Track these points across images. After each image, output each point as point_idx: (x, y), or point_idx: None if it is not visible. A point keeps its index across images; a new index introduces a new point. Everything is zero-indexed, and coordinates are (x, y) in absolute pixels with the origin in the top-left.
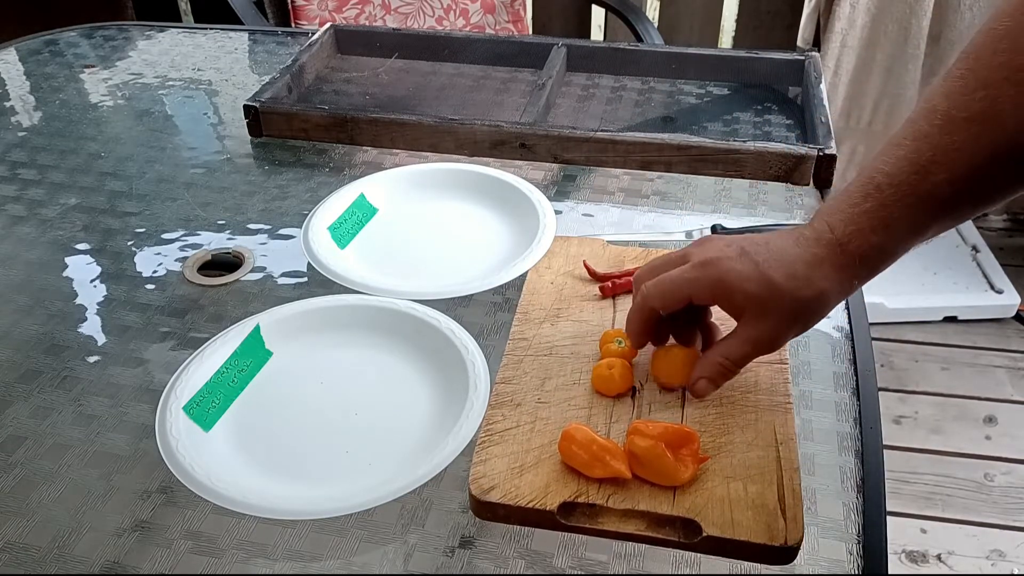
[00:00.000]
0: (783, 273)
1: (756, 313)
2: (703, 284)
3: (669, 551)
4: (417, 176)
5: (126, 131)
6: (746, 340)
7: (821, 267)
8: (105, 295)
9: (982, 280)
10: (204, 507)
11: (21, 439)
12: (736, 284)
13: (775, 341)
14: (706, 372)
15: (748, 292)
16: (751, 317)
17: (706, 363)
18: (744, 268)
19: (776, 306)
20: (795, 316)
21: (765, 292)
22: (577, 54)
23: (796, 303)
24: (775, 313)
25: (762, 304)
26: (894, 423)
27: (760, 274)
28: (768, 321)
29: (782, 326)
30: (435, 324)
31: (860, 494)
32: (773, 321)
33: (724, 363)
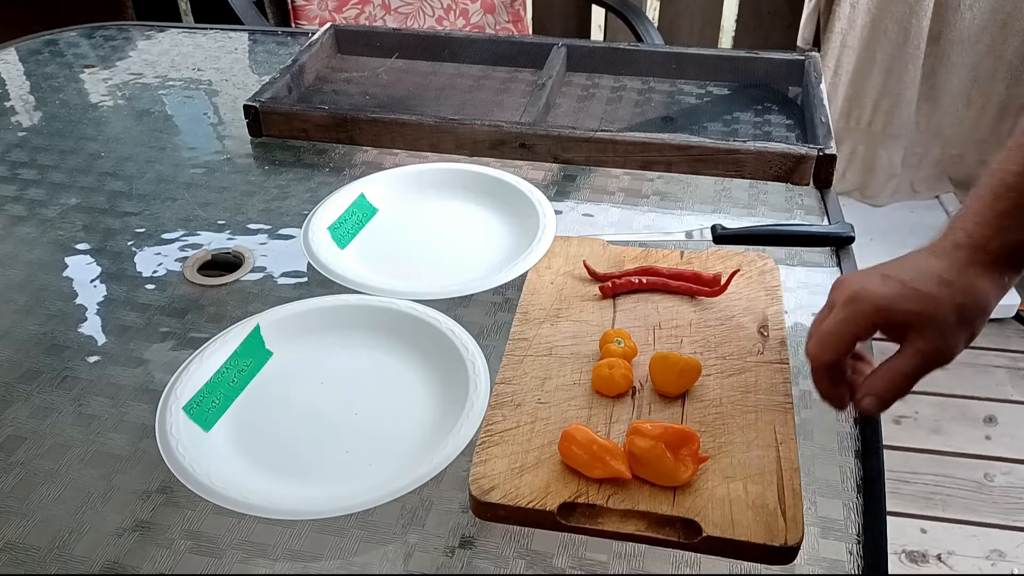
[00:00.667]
0: (935, 283)
1: (921, 328)
2: (861, 319)
3: (669, 551)
4: (417, 176)
5: (126, 131)
6: (916, 353)
7: (969, 269)
8: (105, 295)
9: None
10: (204, 507)
11: (21, 439)
12: (893, 307)
13: (948, 350)
14: (877, 388)
15: (908, 310)
16: (917, 333)
17: (876, 379)
18: (894, 290)
19: (940, 316)
20: (960, 321)
21: (925, 306)
22: (577, 54)
23: (958, 308)
24: (940, 323)
25: (926, 318)
26: (894, 423)
27: (913, 290)
28: (934, 332)
29: (951, 334)
30: (435, 324)
31: (860, 494)
32: (939, 330)
33: (896, 378)
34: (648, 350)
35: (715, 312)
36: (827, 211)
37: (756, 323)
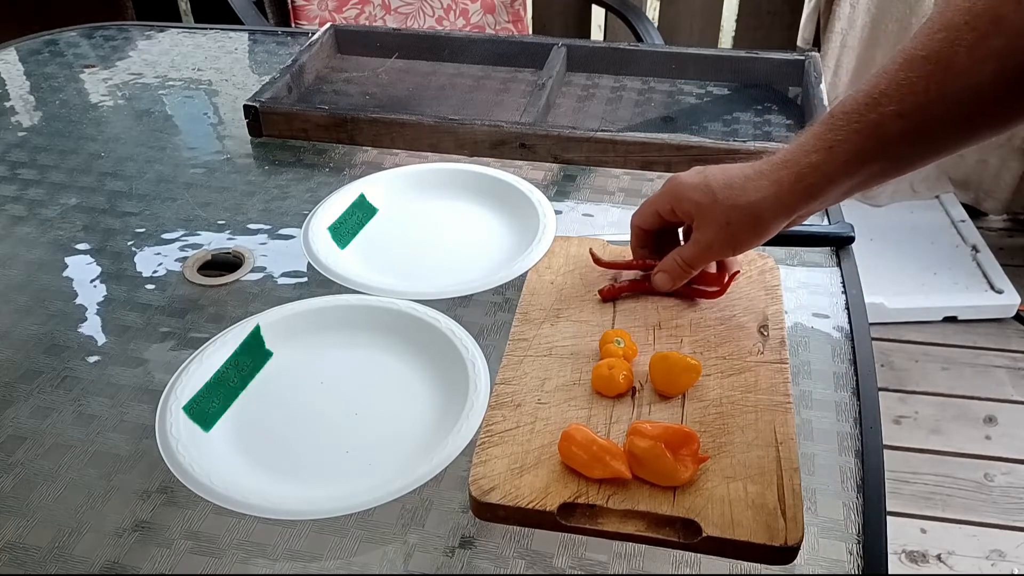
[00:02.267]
0: (723, 182)
1: (699, 219)
2: (662, 198)
3: (669, 551)
4: (417, 176)
5: (126, 131)
6: (694, 242)
7: (758, 180)
8: (105, 295)
9: (982, 280)
10: (204, 507)
11: (21, 439)
12: (684, 194)
13: (711, 245)
14: (664, 267)
15: (692, 200)
16: (697, 224)
17: (666, 260)
18: (694, 178)
19: (713, 212)
20: (728, 222)
21: (705, 199)
22: (577, 54)
23: (730, 210)
24: (713, 219)
25: (703, 210)
26: (894, 423)
27: (705, 182)
28: (708, 226)
29: (716, 230)
30: (435, 324)
31: (860, 494)
32: (712, 226)
33: (678, 261)
34: (648, 350)
35: (715, 312)
36: (827, 211)
37: (756, 323)
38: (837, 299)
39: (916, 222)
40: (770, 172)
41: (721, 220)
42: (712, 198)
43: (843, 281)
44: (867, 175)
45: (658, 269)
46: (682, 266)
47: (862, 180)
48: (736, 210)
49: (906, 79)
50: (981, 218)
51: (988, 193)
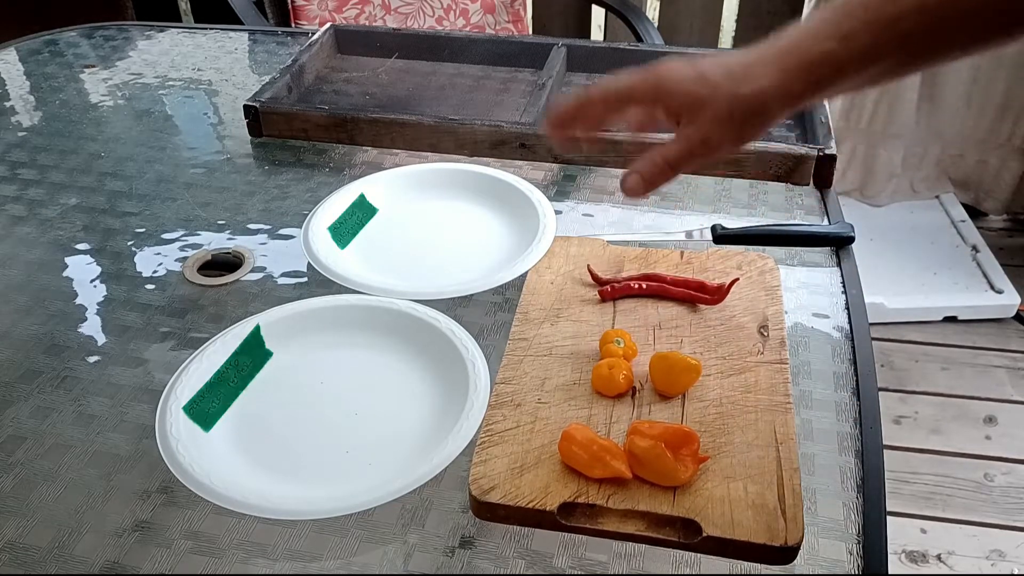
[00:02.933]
0: (721, 71)
1: (693, 110)
2: (645, 83)
3: (669, 551)
4: (417, 176)
5: (126, 131)
6: (682, 138)
7: (764, 66)
8: (105, 295)
9: (982, 280)
10: (204, 507)
11: (21, 439)
12: (674, 82)
13: (709, 140)
14: (640, 167)
15: (685, 90)
16: (688, 116)
17: (643, 160)
18: (684, 68)
19: (712, 102)
20: (731, 114)
21: (701, 88)
22: (577, 54)
23: (732, 99)
24: (711, 109)
25: (698, 100)
26: (894, 423)
27: (698, 72)
28: (703, 118)
29: (718, 124)
30: (435, 324)
31: (860, 494)
32: (709, 118)
33: (658, 160)
34: (648, 350)
35: (715, 312)
36: (827, 211)
37: (756, 323)
38: (837, 299)
39: (916, 222)
40: (775, 59)
41: (723, 112)
42: (711, 88)
43: (843, 281)
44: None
45: (631, 170)
46: (664, 168)
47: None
48: (739, 100)
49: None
50: (981, 218)
51: (988, 193)
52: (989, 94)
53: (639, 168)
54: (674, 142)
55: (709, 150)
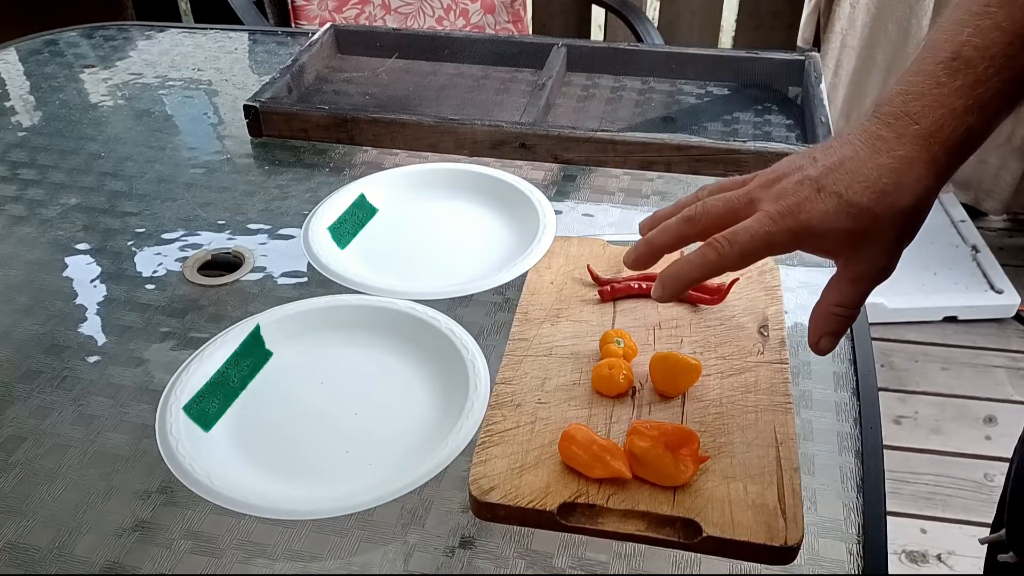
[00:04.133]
0: (871, 194)
1: (856, 247)
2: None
3: (669, 551)
4: (417, 176)
5: (126, 131)
6: (857, 278)
7: (913, 169)
8: (105, 295)
9: (982, 280)
10: (204, 507)
11: (21, 439)
12: (822, 227)
13: (887, 267)
14: (825, 328)
15: (839, 230)
16: (851, 253)
17: (820, 317)
18: (827, 206)
19: (876, 232)
20: (899, 232)
21: (859, 224)
22: (577, 54)
23: (896, 221)
24: (877, 240)
25: (860, 236)
26: (894, 423)
27: (847, 205)
28: (871, 251)
29: (889, 248)
30: (435, 324)
31: (860, 494)
32: (877, 248)
33: (840, 311)
34: (648, 350)
35: (715, 312)
36: None
37: (756, 323)
38: None
39: None
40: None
41: (889, 236)
42: (870, 220)
43: None
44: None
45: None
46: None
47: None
48: (904, 217)
49: None
50: (981, 218)
51: (988, 193)
52: None
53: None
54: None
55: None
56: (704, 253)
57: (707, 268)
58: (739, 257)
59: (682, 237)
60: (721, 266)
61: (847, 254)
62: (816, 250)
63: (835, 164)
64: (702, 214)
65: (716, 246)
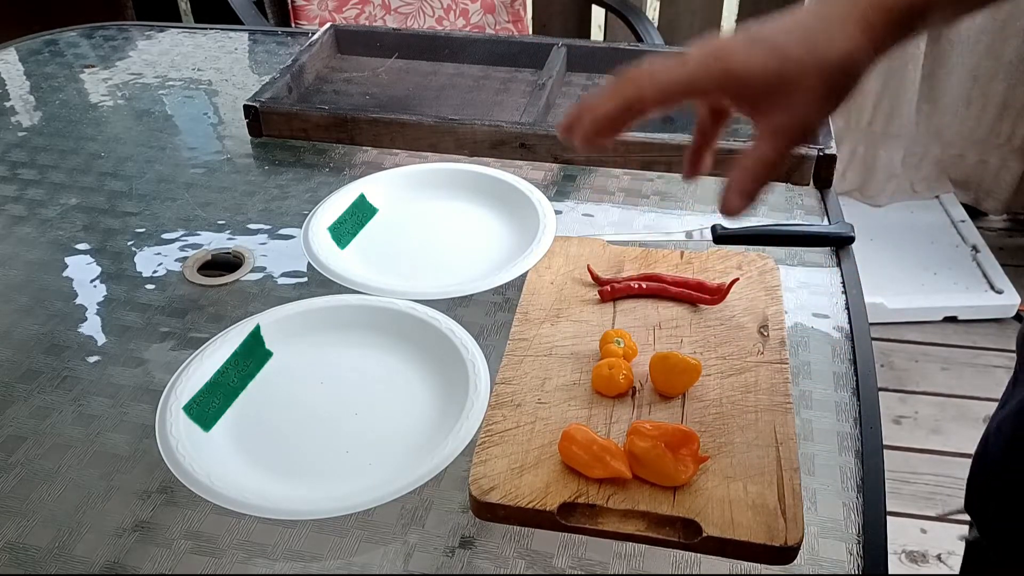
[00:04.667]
0: (797, 39)
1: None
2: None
3: (669, 551)
4: (417, 176)
5: (126, 131)
6: (775, 132)
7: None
8: (105, 295)
9: (982, 280)
10: (204, 507)
11: (21, 439)
12: (746, 70)
13: (808, 123)
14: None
15: (763, 73)
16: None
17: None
18: (755, 51)
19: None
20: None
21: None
22: (577, 54)
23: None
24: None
25: (783, 82)
26: (894, 423)
27: (770, 47)
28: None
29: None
30: (435, 324)
31: (860, 494)
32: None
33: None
34: (648, 350)
35: (715, 312)
36: (827, 211)
37: (756, 323)
38: (837, 299)
39: (916, 222)
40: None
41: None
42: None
43: (843, 281)
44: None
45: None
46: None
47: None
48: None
49: None
50: (981, 218)
51: (988, 193)
52: (989, 94)
53: (737, 184)
54: (765, 138)
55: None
56: (621, 86)
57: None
58: (657, 91)
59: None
60: (638, 99)
61: (767, 104)
62: (738, 98)
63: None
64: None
65: (635, 78)
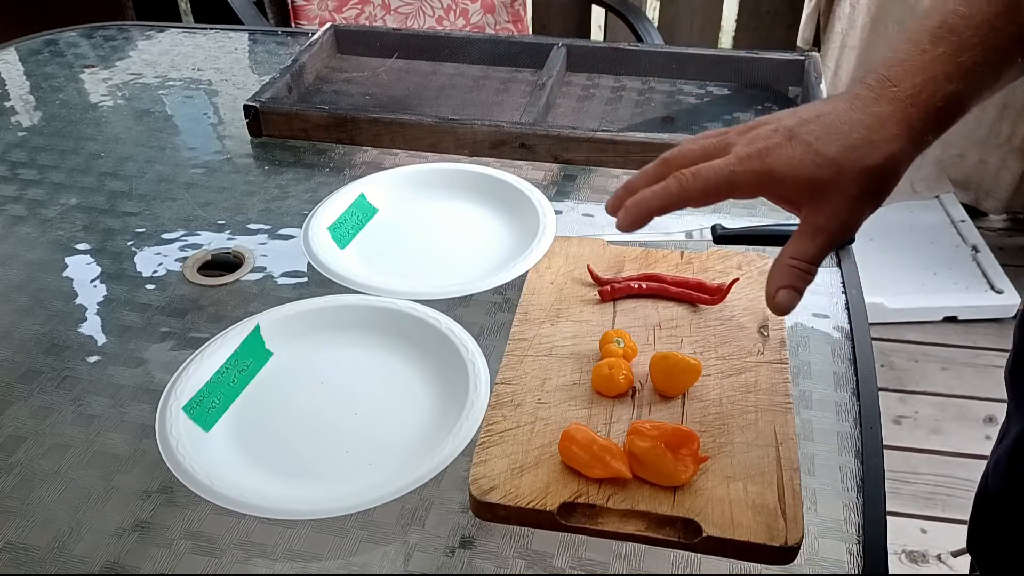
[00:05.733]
0: (840, 146)
1: (817, 198)
2: (747, 178)
3: (669, 551)
4: (417, 176)
5: (126, 131)
6: (816, 232)
7: (885, 128)
8: (105, 295)
9: (982, 280)
10: (204, 507)
11: (21, 439)
12: (787, 172)
13: (848, 224)
14: (782, 281)
15: (802, 178)
16: (813, 205)
17: (778, 271)
18: (795, 152)
19: (840, 185)
20: (864, 189)
21: (822, 172)
22: (577, 54)
23: (863, 176)
24: (839, 193)
25: (821, 187)
26: (894, 423)
27: (814, 154)
28: (832, 204)
29: (852, 204)
30: (435, 324)
31: (860, 494)
32: (839, 201)
33: (798, 265)
34: (648, 350)
35: (715, 312)
36: None
37: (756, 323)
38: (837, 299)
39: (916, 222)
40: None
41: (853, 191)
42: (835, 170)
43: (843, 281)
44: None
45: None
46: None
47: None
48: (870, 174)
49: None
50: (981, 218)
51: (988, 193)
52: None
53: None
54: (805, 237)
55: (847, 233)
56: (667, 184)
57: (669, 198)
58: (701, 191)
59: (658, 177)
60: (683, 197)
61: (808, 205)
62: (778, 198)
63: (812, 117)
64: (678, 156)
65: (680, 177)
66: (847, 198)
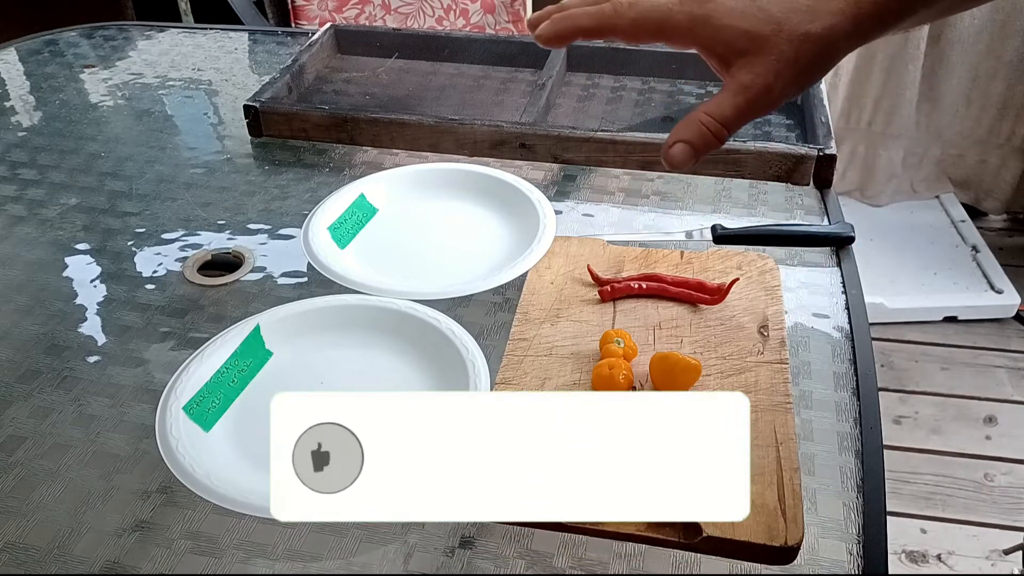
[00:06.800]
0: (785, 7)
1: (749, 55)
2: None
3: (669, 551)
4: (417, 176)
5: (126, 131)
6: (738, 90)
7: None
8: (105, 295)
9: (982, 280)
10: (204, 507)
11: (21, 439)
12: (724, 21)
13: (771, 89)
14: (686, 135)
15: (739, 29)
16: (743, 62)
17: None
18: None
19: (775, 43)
20: (796, 57)
21: (762, 26)
22: (577, 54)
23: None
24: (773, 51)
25: (757, 40)
26: (894, 423)
27: (757, 8)
28: (763, 63)
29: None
30: (435, 324)
31: (860, 494)
32: (771, 61)
33: (708, 123)
34: (648, 350)
35: (715, 312)
36: (827, 211)
37: (756, 323)
38: (837, 299)
39: (916, 222)
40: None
41: (787, 54)
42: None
43: (843, 281)
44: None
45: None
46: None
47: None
48: (808, 40)
49: None
50: (981, 218)
51: (988, 193)
52: (989, 94)
53: (686, 135)
54: (726, 94)
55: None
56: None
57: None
58: (632, 22)
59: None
60: (614, 22)
61: (738, 62)
62: (710, 52)
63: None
64: None
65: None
66: (779, 60)
